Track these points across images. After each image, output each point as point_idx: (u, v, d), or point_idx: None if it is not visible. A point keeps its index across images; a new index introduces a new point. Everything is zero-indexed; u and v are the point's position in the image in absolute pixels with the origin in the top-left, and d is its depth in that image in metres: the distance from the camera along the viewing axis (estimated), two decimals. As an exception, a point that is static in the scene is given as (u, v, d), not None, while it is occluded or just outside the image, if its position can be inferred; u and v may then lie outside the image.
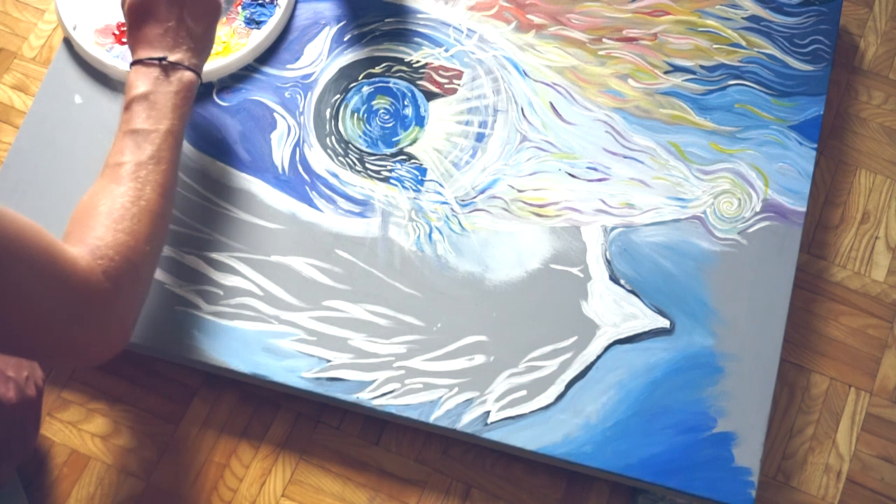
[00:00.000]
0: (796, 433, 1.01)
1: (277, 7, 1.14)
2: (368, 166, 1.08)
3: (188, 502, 0.96)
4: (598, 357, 1.00)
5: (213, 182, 1.07)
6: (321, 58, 1.13)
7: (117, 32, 1.12)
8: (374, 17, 1.16)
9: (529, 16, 1.16)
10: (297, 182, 1.07)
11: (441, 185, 1.07)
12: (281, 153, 1.09)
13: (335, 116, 1.11)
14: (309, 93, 1.11)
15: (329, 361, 0.99)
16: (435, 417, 0.97)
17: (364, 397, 0.98)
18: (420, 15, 1.16)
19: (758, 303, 1.02)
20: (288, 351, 0.99)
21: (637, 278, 1.03)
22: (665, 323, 1.01)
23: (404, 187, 1.07)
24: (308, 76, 1.12)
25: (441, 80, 1.12)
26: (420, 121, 1.11)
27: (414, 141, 1.10)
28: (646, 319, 1.01)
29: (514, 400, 0.98)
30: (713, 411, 0.97)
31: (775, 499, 0.99)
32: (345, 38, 1.15)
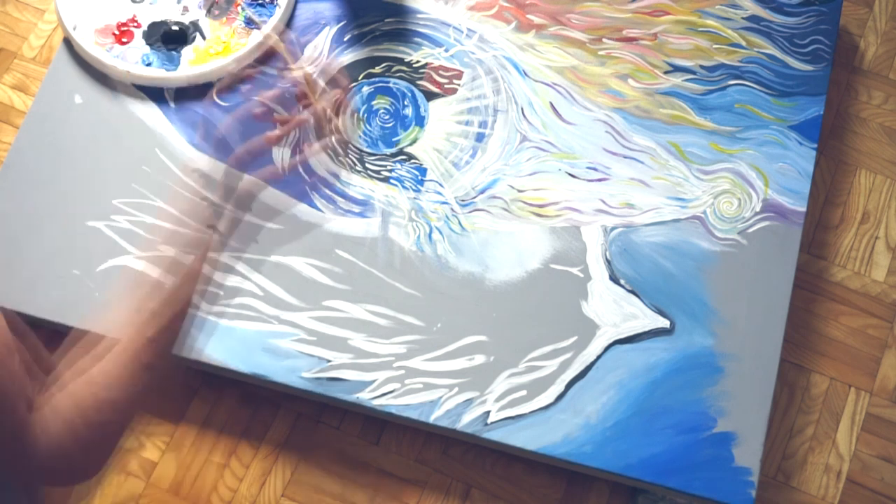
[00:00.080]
0: (796, 433, 1.01)
1: (277, 7, 1.14)
2: (368, 166, 1.08)
3: (188, 502, 0.96)
4: (598, 357, 1.00)
5: (214, 182, 1.07)
6: (321, 58, 1.13)
7: (117, 32, 1.12)
8: (374, 17, 1.15)
9: (529, 16, 1.16)
10: (297, 182, 1.07)
11: (441, 185, 1.07)
12: (281, 153, 1.09)
13: (335, 116, 1.11)
14: (309, 93, 1.11)
15: (329, 361, 0.99)
16: (435, 417, 0.97)
17: (364, 397, 0.98)
18: (420, 15, 1.16)
19: (758, 303, 1.02)
20: (288, 351, 0.99)
21: (637, 278, 1.03)
22: (665, 323, 1.01)
23: (404, 187, 1.07)
24: (308, 76, 1.12)
25: (441, 80, 1.12)
26: (420, 121, 1.10)
27: (414, 141, 1.10)
28: (646, 319, 1.01)
29: (514, 400, 0.98)
30: (713, 411, 0.97)
31: (775, 499, 0.99)
32: (345, 38, 1.14)
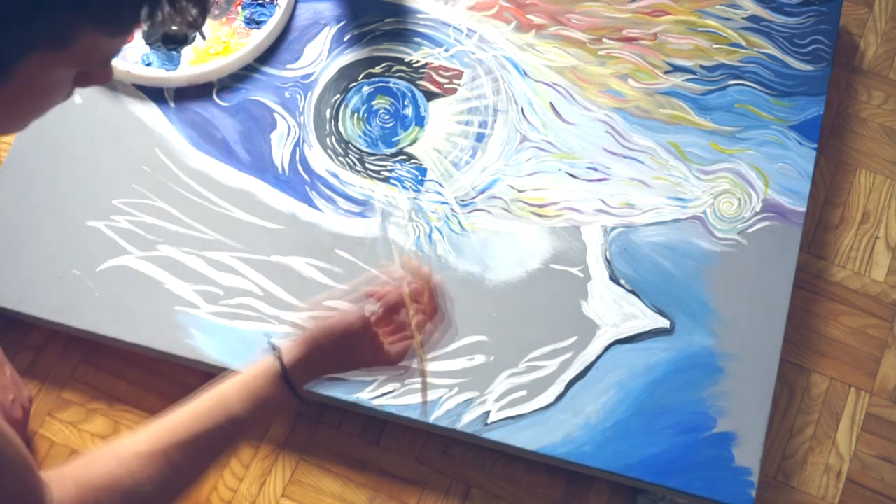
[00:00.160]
0: (796, 433, 1.01)
1: (277, 7, 1.14)
2: (368, 166, 1.08)
3: (188, 502, 0.96)
4: (598, 357, 1.00)
5: (214, 182, 1.07)
6: (321, 58, 1.13)
7: (117, 32, 1.12)
8: (374, 17, 1.15)
9: (529, 16, 1.16)
10: (297, 182, 1.07)
11: (441, 185, 1.07)
12: (281, 153, 1.09)
13: (335, 116, 1.11)
14: (309, 93, 1.11)
15: (329, 361, 0.99)
16: (435, 417, 0.97)
17: (364, 397, 0.98)
18: (420, 15, 1.16)
19: (758, 303, 1.02)
20: (288, 351, 0.99)
21: (637, 278, 1.03)
22: (665, 323, 1.01)
23: (404, 187, 1.07)
24: (308, 76, 1.12)
25: (441, 80, 1.12)
26: (420, 121, 1.10)
27: (414, 141, 1.10)
28: (646, 319, 1.01)
29: (514, 400, 0.98)
30: (713, 411, 0.97)
31: (775, 499, 0.99)
32: (345, 38, 1.14)
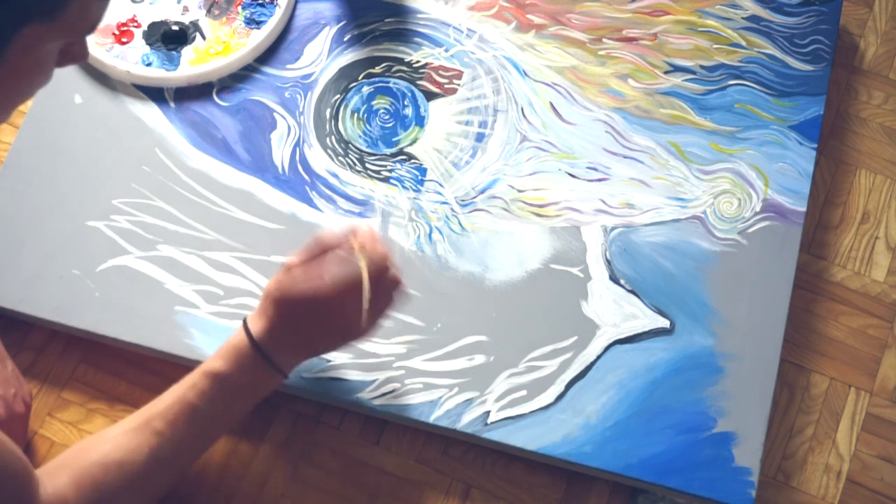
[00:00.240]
0: (796, 433, 1.01)
1: (277, 7, 1.14)
2: (368, 166, 1.08)
3: (188, 502, 0.96)
4: (598, 357, 1.00)
5: (213, 182, 1.07)
6: (321, 58, 1.13)
7: (117, 32, 1.12)
8: (374, 17, 1.15)
9: (529, 16, 1.16)
10: (297, 182, 1.07)
11: (441, 185, 1.07)
12: (281, 153, 1.09)
13: (335, 116, 1.11)
14: (309, 93, 1.11)
15: (329, 361, 0.99)
16: (435, 417, 0.97)
17: (364, 397, 0.98)
18: (420, 15, 1.16)
19: (758, 303, 1.02)
20: (288, 351, 0.99)
21: (637, 278, 1.03)
22: (665, 323, 1.01)
23: (404, 187, 1.07)
24: (308, 76, 1.12)
25: (441, 80, 1.12)
26: (420, 121, 1.11)
27: (414, 141, 1.10)
28: (646, 319, 1.01)
29: (514, 400, 0.98)
30: (713, 411, 0.97)
31: (775, 499, 0.99)
32: (345, 38, 1.15)
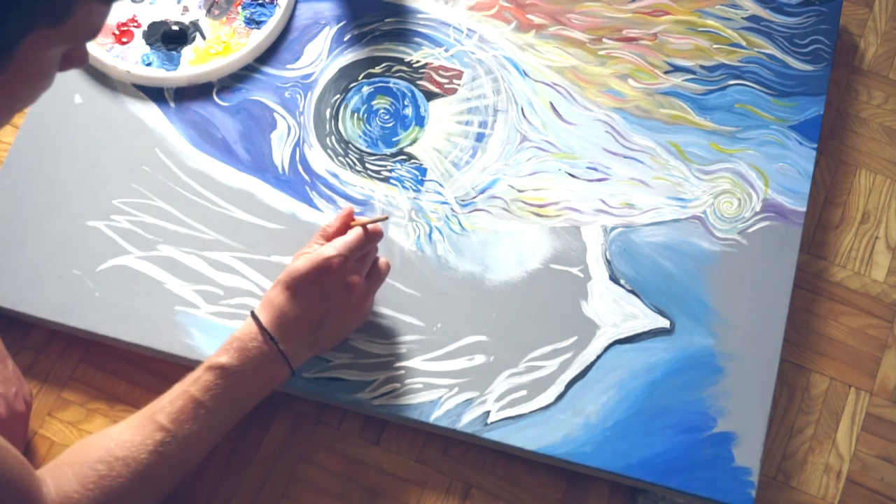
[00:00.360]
0: (796, 433, 1.01)
1: (277, 7, 1.14)
2: (368, 166, 1.08)
3: (188, 502, 0.96)
4: (598, 357, 1.00)
5: (213, 182, 1.07)
6: (321, 58, 1.13)
7: (117, 32, 1.12)
8: (374, 17, 1.15)
9: (529, 16, 1.16)
10: (297, 182, 1.07)
11: (441, 185, 1.07)
12: (281, 153, 1.09)
13: (335, 116, 1.11)
14: (309, 93, 1.11)
15: (329, 361, 0.99)
16: (435, 417, 0.97)
17: (364, 397, 0.98)
18: (420, 15, 1.16)
19: (758, 303, 1.02)
20: (288, 351, 0.99)
21: (637, 278, 1.03)
22: (665, 323, 1.01)
23: (404, 187, 1.07)
24: (308, 76, 1.12)
25: (441, 80, 1.12)
26: (420, 121, 1.11)
27: (414, 141, 1.10)
28: (646, 319, 1.01)
29: (514, 400, 0.98)
30: (713, 411, 0.97)
31: (775, 499, 0.99)
32: (345, 38, 1.15)
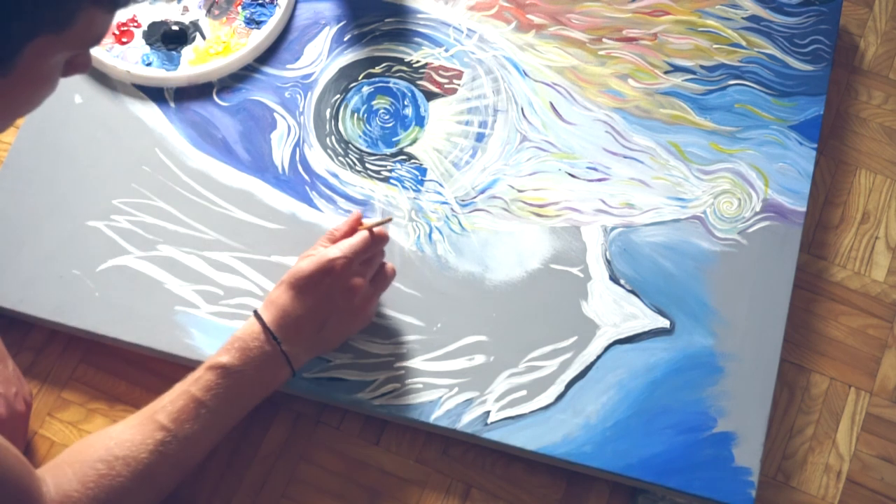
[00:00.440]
0: (796, 433, 1.01)
1: (277, 7, 1.14)
2: (368, 166, 1.08)
3: (189, 502, 0.96)
4: (598, 357, 1.00)
5: (213, 182, 1.07)
6: (321, 58, 1.13)
7: (117, 32, 1.12)
8: (374, 17, 1.16)
9: (529, 16, 1.16)
10: (297, 182, 1.07)
11: (441, 185, 1.07)
12: (281, 153, 1.09)
13: (335, 116, 1.11)
14: (309, 93, 1.11)
15: (329, 361, 0.99)
16: (435, 417, 0.97)
17: (364, 397, 0.98)
18: (420, 15, 1.16)
19: (758, 303, 1.02)
20: (288, 351, 0.99)
21: (637, 278, 1.03)
22: (665, 323, 1.01)
23: (404, 187, 1.07)
24: (308, 76, 1.12)
25: (441, 80, 1.12)
26: (420, 121, 1.11)
27: (414, 141, 1.10)
28: (646, 319, 1.01)
29: (514, 400, 0.98)
30: (713, 411, 0.97)
31: (775, 499, 0.99)
32: (345, 38, 1.15)
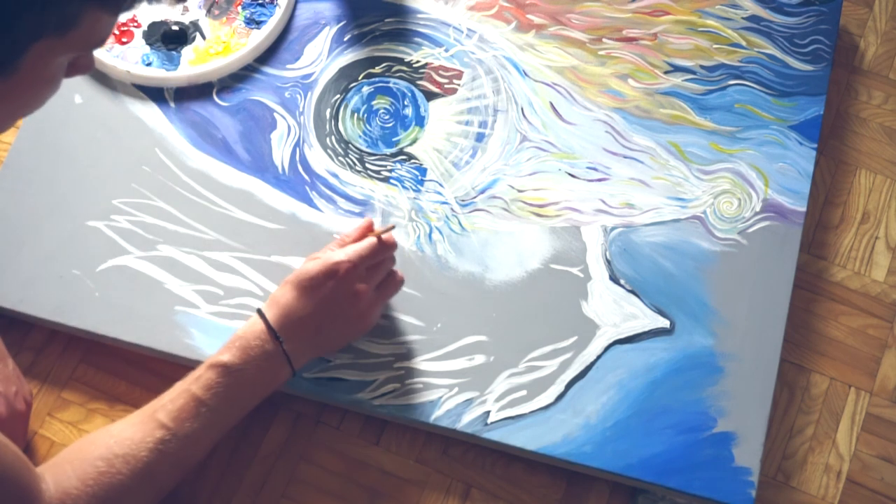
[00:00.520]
0: (796, 433, 1.01)
1: (277, 7, 1.14)
2: (368, 166, 1.08)
3: (189, 502, 0.96)
4: (598, 357, 1.00)
5: (213, 182, 1.07)
6: (321, 58, 1.13)
7: (117, 32, 1.12)
8: (374, 17, 1.15)
9: (529, 16, 1.16)
10: (297, 182, 1.07)
11: (441, 185, 1.07)
12: (281, 153, 1.09)
13: (335, 116, 1.11)
14: (309, 93, 1.11)
15: (329, 361, 0.99)
16: (435, 417, 0.97)
17: (364, 397, 0.98)
18: (420, 15, 1.16)
19: (758, 303, 1.02)
20: (288, 351, 0.99)
21: (637, 278, 1.03)
22: (665, 323, 1.01)
23: (404, 187, 1.07)
24: (308, 76, 1.12)
25: (441, 80, 1.12)
26: (420, 121, 1.11)
27: (414, 141, 1.10)
28: (646, 319, 1.01)
29: (514, 400, 0.98)
30: (713, 411, 0.97)
31: (775, 499, 0.99)
32: (345, 38, 1.15)
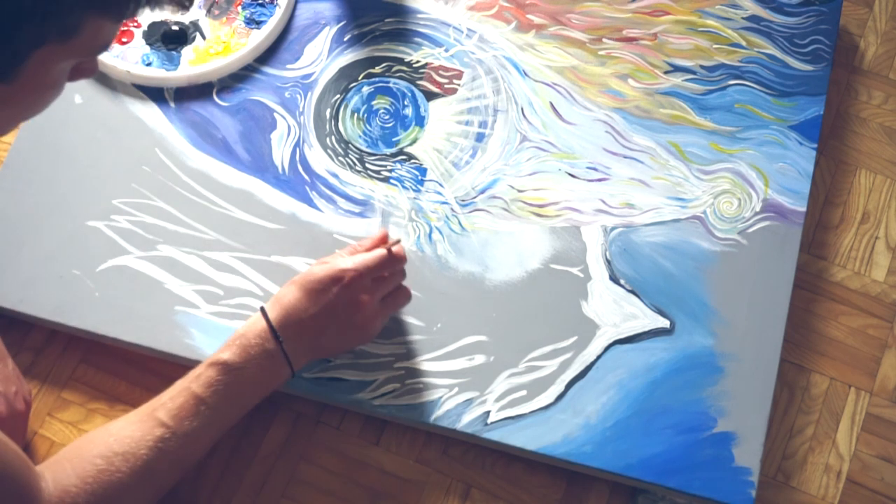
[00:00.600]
0: (796, 433, 1.01)
1: (277, 7, 1.14)
2: (368, 166, 1.08)
3: (189, 502, 0.96)
4: (598, 357, 1.00)
5: (213, 182, 1.07)
6: (321, 58, 1.13)
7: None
8: (374, 17, 1.16)
9: (529, 16, 1.16)
10: (297, 182, 1.07)
11: (441, 185, 1.07)
12: (281, 153, 1.09)
13: (335, 116, 1.11)
14: (309, 93, 1.11)
15: (329, 361, 0.99)
16: (435, 417, 0.97)
17: (364, 397, 0.98)
18: (420, 15, 1.16)
19: (758, 303, 1.02)
20: (288, 351, 0.99)
21: (637, 278, 1.03)
22: (665, 323, 1.01)
23: (404, 187, 1.07)
24: (308, 76, 1.12)
25: (441, 80, 1.12)
26: (420, 121, 1.11)
27: (414, 141, 1.10)
28: (646, 319, 1.01)
29: (514, 400, 0.98)
30: (713, 411, 0.97)
31: (775, 499, 0.99)
32: (345, 38, 1.15)
